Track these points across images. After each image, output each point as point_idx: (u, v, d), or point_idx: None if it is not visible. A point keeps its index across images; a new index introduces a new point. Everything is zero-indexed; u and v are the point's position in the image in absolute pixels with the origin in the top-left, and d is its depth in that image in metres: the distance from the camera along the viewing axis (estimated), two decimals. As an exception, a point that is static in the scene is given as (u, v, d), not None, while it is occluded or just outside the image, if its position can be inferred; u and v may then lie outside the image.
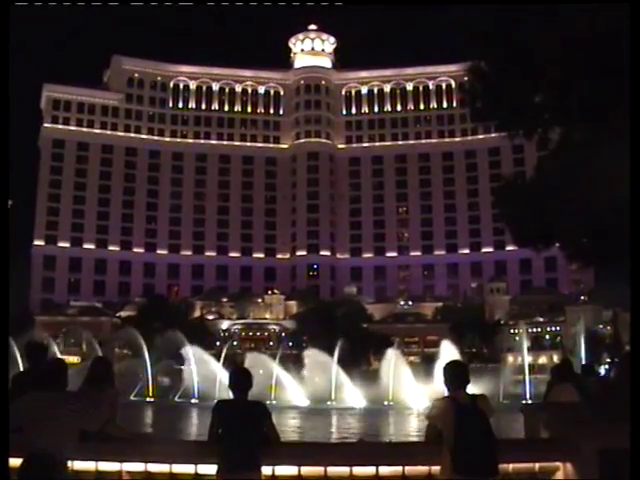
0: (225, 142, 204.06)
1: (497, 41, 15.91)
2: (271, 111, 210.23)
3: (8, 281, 10.20)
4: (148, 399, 79.19)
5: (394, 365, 76.38)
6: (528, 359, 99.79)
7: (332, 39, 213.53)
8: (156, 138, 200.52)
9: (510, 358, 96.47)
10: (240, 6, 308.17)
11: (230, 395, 8.69)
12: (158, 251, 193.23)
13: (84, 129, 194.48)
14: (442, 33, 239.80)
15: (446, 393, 8.53)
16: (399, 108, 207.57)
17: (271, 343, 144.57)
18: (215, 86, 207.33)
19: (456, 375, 8.54)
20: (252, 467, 8.21)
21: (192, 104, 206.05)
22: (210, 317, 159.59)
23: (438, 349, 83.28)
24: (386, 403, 72.41)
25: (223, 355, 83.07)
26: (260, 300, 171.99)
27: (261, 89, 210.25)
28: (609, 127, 13.60)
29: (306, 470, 8.63)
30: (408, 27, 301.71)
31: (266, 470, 8.45)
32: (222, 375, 68.66)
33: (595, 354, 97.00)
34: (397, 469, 8.62)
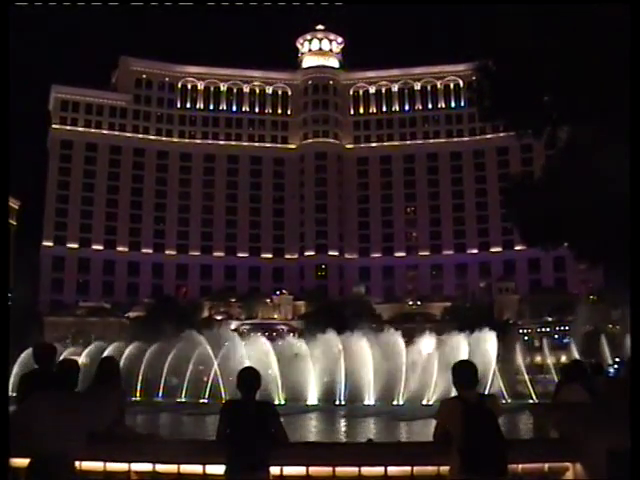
0: (233, 142, 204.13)
1: (505, 40, 15.88)
2: (279, 111, 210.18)
3: (8, 281, 10.20)
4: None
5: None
6: (537, 359, 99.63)
7: (339, 39, 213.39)
8: (164, 139, 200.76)
9: (519, 358, 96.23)
10: (247, 7, 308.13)
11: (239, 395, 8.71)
12: (166, 252, 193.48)
13: (92, 130, 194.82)
14: (450, 32, 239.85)
15: (455, 393, 8.52)
16: (407, 108, 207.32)
17: (279, 343, 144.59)
18: (223, 86, 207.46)
19: (465, 375, 8.53)
20: (260, 467, 8.22)
21: (200, 104, 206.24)
22: (219, 317, 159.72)
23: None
24: (396, 403, 72.35)
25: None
26: (268, 300, 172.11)
27: (269, 89, 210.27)
28: (617, 127, 13.56)
29: (314, 470, 8.63)
30: (415, 26, 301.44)
31: (274, 470, 8.45)
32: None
33: (604, 353, 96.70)
34: (406, 469, 8.60)
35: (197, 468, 8.74)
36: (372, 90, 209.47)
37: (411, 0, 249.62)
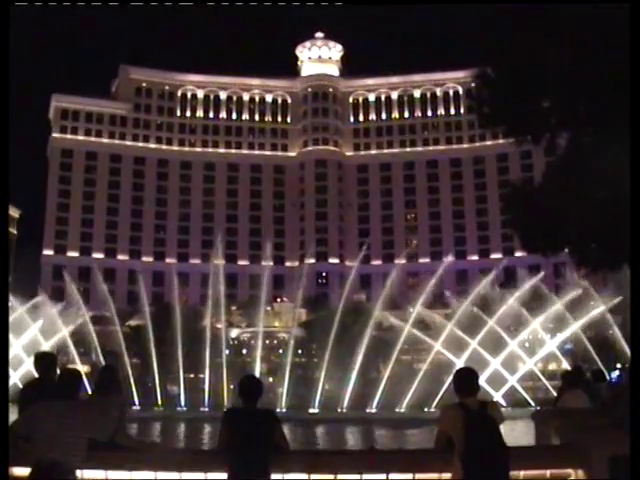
0: (233, 150, 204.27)
1: (504, 47, 15.92)
2: (279, 119, 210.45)
3: (7, 283, 10.22)
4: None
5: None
6: (538, 365, 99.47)
7: (339, 47, 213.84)
8: (164, 147, 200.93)
9: (520, 364, 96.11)
10: (247, 14, 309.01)
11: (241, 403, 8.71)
12: (167, 260, 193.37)
13: (92, 139, 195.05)
14: (450, 39, 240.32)
15: (456, 400, 8.51)
16: (407, 115, 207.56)
17: (280, 351, 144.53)
18: (223, 95, 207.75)
19: (466, 382, 8.53)
20: (261, 475, 8.21)
21: (200, 113, 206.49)
22: (219, 325, 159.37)
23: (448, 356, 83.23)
24: (397, 410, 72.30)
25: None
26: (269, 308, 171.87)
27: (269, 97, 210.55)
28: (617, 131, 13.57)
29: (316, 477, 8.62)
30: (415, 34, 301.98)
31: (276, 478, 8.44)
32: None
33: (605, 360, 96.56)
34: (407, 476, 8.59)
35: (199, 476, 8.73)
36: (372, 97, 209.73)
37: (411, 1, 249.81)
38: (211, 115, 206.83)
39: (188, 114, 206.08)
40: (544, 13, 14.70)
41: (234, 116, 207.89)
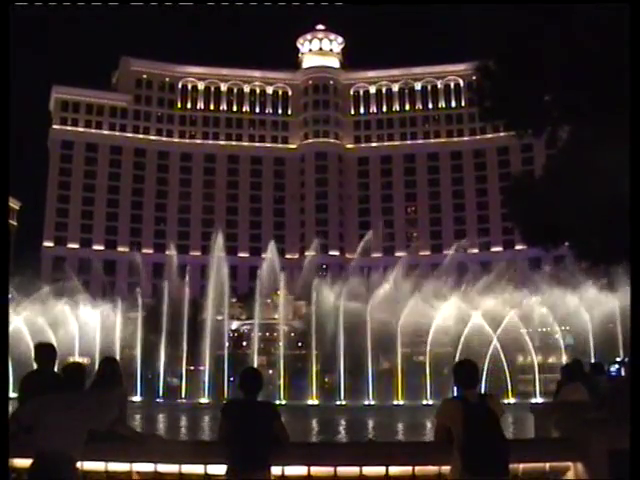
0: (234, 142, 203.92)
1: (506, 40, 15.89)
2: (279, 111, 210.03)
3: (8, 278, 10.22)
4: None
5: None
6: (537, 358, 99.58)
7: (340, 39, 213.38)
8: (165, 139, 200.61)
9: (519, 357, 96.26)
10: (248, 7, 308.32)
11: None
12: (167, 252, 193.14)
13: (93, 130, 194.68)
14: (451, 32, 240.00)
15: (456, 392, 8.53)
16: (407, 108, 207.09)
17: (280, 343, 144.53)
18: (223, 87, 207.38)
19: (466, 374, 8.53)
20: (261, 467, 8.22)
21: (200, 105, 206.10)
22: (219, 317, 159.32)
23: (448, 349, 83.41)
24: (395, 403, 72.48)
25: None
26: (269, 300, 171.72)
27: (269, 89, 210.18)
28: (618, 125, 13.55)
29: (316, 470, 8.62)
30: (416, 26, 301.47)
31: (275, 470, 8.44)
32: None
33: (605, 353, 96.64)
34: (407, 469, 8.60)
35: (198, 468, 8.74)
36: (372, 90, 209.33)
37: (411, 0, 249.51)
38: (211, 107, 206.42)
39: (189, 106, 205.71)
40: (546, 8, 14.67)
41: (235, 108, 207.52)
